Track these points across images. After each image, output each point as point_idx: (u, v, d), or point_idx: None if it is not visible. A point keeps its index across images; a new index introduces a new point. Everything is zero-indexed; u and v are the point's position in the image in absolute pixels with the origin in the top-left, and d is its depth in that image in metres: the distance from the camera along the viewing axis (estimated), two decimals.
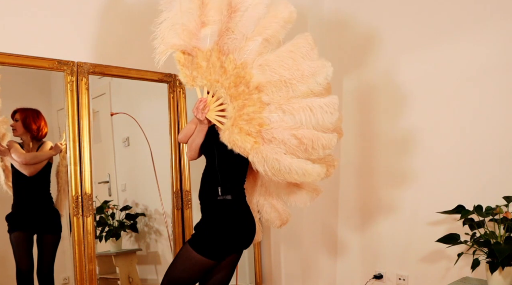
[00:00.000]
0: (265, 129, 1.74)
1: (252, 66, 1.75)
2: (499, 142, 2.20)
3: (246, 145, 1.73)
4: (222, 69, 1.76)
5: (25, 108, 2.16)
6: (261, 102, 1.74)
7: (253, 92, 1.75)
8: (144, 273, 2.66)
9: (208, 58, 1.76)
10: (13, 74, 2.08)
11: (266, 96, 1.75)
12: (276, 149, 1.73)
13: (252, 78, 1.74)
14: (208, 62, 1.76)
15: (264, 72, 1.73)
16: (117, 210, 2.55)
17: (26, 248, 2.15)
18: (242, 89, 1.75)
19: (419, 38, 2.48)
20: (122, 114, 2.47)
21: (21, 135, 2.16)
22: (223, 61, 1.76)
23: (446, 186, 2.36)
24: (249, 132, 1.74)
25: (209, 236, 1.85)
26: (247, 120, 1.74)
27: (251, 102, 1.75)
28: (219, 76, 1.76)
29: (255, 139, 1.73)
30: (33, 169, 2.17)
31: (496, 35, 2.20)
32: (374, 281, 2.68)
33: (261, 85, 1.74)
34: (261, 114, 1.74)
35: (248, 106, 1.75)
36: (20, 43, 2.07)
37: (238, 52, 1.76)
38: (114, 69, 2.31)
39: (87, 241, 2.15)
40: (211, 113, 1.81)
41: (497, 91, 2.21)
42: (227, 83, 1.76)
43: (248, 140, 1.73)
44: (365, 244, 2.74)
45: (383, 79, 2.64)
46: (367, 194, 2.73)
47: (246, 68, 1.75)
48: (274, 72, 1.73)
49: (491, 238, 1.98)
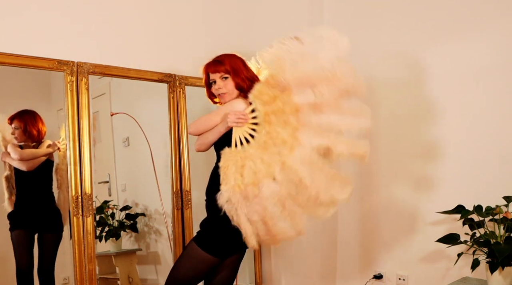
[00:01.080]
0: (268, 183, 1.72)
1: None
2: (499, 142, 2.20)
3: (231, 181, 1.73)
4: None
5: (21, 112, 2.17)
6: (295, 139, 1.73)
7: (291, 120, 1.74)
8: (144, 273, 2.66)
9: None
10: (13, 74, 2.08)
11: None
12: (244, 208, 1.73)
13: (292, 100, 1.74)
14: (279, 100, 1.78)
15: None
16: (117, 210, 2.55)
17: (26, 246, 2.15)
18: (280, 116, 1.75)
19: (420, 38, 2.48)
20: (122, 114, 2.47)
21: (23, 141, 2.19)
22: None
23: (446, 186, 2.36)
24: (256, 172, 1.72)
25: (214, 234, 1.86)
26: (266, 160, 1.73)
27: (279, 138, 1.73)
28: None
29: (242, 184, 1.72)
30: (32, 164, 2.18)
31: (498, 35, 2.21)
32: (374, 281, 2.68)
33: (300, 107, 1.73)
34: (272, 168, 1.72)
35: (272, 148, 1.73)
36: (20, 43, 2.07)
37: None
38: (114, 69, 2.31)
39: (87, 241, 2.15)
40: (241, 129, 1.81)
41: (497, 91, 2.21)
42: (271, 109, 1.76)
43: (237, 178, 1.72)
44: (365, 244, 2.74)
45: (384, 79, 2.64)
46: (367, 194, 2.73)
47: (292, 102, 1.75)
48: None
49: (491, 238, 1.99)
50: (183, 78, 2.53)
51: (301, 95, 1.74)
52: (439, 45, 2.40)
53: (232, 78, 1.90)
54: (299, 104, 1.74)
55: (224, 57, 1.95)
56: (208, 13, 2.78)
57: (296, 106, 1.75)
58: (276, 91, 1.76)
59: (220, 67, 1.91)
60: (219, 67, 1.92)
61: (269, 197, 1.72)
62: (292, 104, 1.74)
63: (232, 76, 1.90)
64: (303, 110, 1.74)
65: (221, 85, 1.92)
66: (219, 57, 1.96)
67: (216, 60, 1.95)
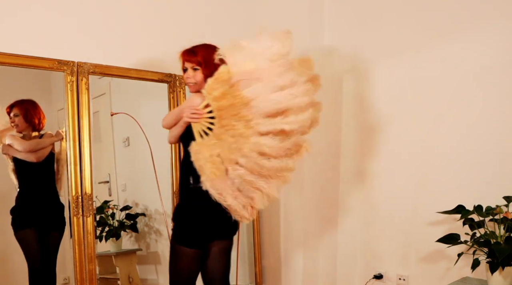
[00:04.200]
0: (233, 168, 1.81)
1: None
2: (499, 142, 2.20)
3: (207, 171, 1.79)
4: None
5: (21, 100, 2.14)
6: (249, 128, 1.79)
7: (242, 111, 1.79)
8: (144, 273, 2.66)
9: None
10: (13, 74, 2.08)
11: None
12: (227, 187, 1.82)
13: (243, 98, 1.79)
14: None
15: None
16: (117, 210, 2.55)
17: (37, 245, 2.12)
18: (231, 110, 1.80)
19: (420, 38, 2.48)
20: (122, 114, 2.47)
21: (23, 130, 2.14)
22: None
23: (446, 186, 2.36)
24: (219, 162, 1.79)
25: (183, 226, 1.91)
26: (227, 150, 1.80)
27: (236, 127, 1.79)
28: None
29: (219, 170, 1.79)
30: (40, 154, 2.16)
31: (498, 35, 2.20)
32: (374, 281, 2.68)
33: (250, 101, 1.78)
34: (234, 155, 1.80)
35: (233, 132, 1.79)
36: (20, 43, 2.07)
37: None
38: (114, 69, 2.31)
39: (87, 241, 2.15)
40: (199, 124, 1.86)
41: (498, 91, 2.21)
42: (222, 104, 1.81)
43: (213, 168, 1.79)
44: (365, 244, 2.74)
45: (383, 79, 2.64)
46: (367, 194, 2.73)
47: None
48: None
49: (491, 238, 1.98)
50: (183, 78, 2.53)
51: (249, 88, 1.79)
52: (439, 45, 2.40)
53: (202, 70, 1.92)
54: (248, 96, 1.78)
55: (199, 48, 1.96)
56: (209, 13, 2.78)
57: (245, 100, 1.78)
58: (226, 86, 1.79)
59: (193, 58, 1.94)
60: (191, 57, 1.94)
61: (235, 178, 1.81)
62: (242, 97, 1.78)
63: (202, 68, 1.91)
64: (252, 102, 1.78)
65: (190, 75, 1.95)
66: (196, 47, 1.97)
67: (191, 49, 1.97)
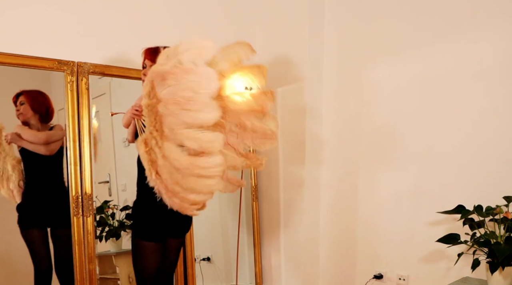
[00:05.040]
0: (161, 172, 1.79)
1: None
2: (499, 142, 2.20)
3: (146, 167, 1.80)
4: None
5: (29, 90, 2.11)
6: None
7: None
8: None
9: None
10: (13, 74, 2.08)
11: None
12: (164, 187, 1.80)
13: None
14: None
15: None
16: (117, 210, 2.55)
17: (43, 245, 2.08)
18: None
19: (420, 38, 2.48)
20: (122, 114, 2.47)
21: (29, 119, 2.08)
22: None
23: (446, 186, 2.36)
24: (152, 160, 1.79)
25: (144, 220, 1.97)
26: (153, 150, 1.79)
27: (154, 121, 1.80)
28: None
29: (154, 169, 1.79)
30: (53, 146, 2.11)
31: (500, 35, 2.20)
32: (374, 281, 2.68)
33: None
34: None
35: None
36: (20, 43, 2.07)
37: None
38: (114, 69, 2.31)
39: (87, 241, 2.16)
40: (139, 122, 1.93)
41: (498, 91, 2.21)
42: (146, 103, 1.82)
43: (148, 165, 1.79)
44: (365, 244, 2.74)
45: (385, 78, 2.64)
46: (367, 194, 2.73)
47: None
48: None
49: (491, 238, 1.98)
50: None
51: (161, 87, 1.78)
52: (440, 44, 2.40)
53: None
54: (159, 97, 1.78)
55: (162, 49, 1.96)
56: (208, 13, 2.79)
57: (157, 100, 1.78)
58: (149, 86, 1.81)
59: (153, 57, 1.95)
60: (152, 56, 1.97)
61: (166, 184, 1.79)
62: (155, 97, 1.79)
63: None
64: (160, 104, 1.78)
65: (146, 72, 1.96)
66: (160, 47, 1.99)
67: (156, 49, 1.99)
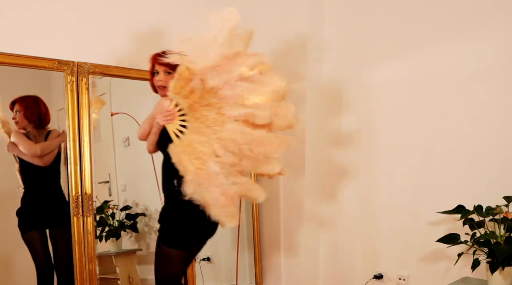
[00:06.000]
0: (214, 161, 1.79)
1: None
2: (499, 142, 2.20)
3: (190, 169, 1.77)
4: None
5: (23, 97, 2.12)
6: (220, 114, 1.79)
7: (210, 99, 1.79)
8: (144, 273, 2.66)
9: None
10: (13, 74, 2.08)
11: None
12: (210, 183, 1.79)
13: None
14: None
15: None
16: (117, 210, 2.55)
17: (42, 246, 2.11)
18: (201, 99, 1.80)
19: (420, 38, 2.48)
20: (122, 114, 2.47)
21: (25, 127, 2.11)
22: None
23: (446, 186, 2.36)
24: (202, 158, 1.78)
25: (174, 227, 1.93)
26: (206, 142, 1.79)
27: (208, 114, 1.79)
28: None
29: (202, 166, 1.78)
30: (48, 158, 2.14)
31: (497, 35, 2.20)
32: (374, 281, 2.68)
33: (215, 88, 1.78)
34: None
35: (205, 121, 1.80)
36: (20, 43, 2.07)
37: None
38: (114, 69, 2.31)
39: (87, 241, 2.15)
40: (173, 124, 1.86)
41: (498, 91, 2.21)
42: (192, 100, 1.81)
43: (194, 165, 1.77)
44: (365, 244, 2.74)
45: (382, 78, 2.64)
46: (367, 194, 2.73)
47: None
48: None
49: (491, 238, 1.98)
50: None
51: (214, 78, 1.78)
52: (439, 44, 2.40)
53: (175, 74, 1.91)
54: (215, 85, 1.78)
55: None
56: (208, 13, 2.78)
57: (212, 89, 1.79)
58: (191, 83, 1.79)
59: (167, 62, 1.93)
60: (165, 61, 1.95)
61: (218, 172, 1.79)
62: (209, 88, 1.79)
63: (175, 73, 1.90)
64: (220, 90, 1.79)
65: (162, 79, 1.96)
66: (170, 51, 1.97)
67: (166, 53, 1.96)
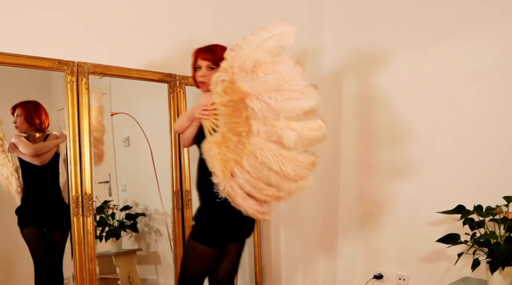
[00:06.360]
0: (240, 171, 1.77)
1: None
2: (499, 142, 2.20)
3: (217, 170, 1.77)
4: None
5: (24, 102, 2.15)
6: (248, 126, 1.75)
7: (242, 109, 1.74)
8: (144, 273, 2.66)
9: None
10: (13, 74, 2.08)
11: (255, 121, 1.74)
12: (237, 189, 1.78)
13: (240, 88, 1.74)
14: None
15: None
16: (117, 210, 2.55)
17: (41, 242, 2.14)
18: (233, 105, 1.77)
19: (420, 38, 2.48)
20: (122, 114, 2.47)
21: (25, 130, 2.15)
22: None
23: (446, 186, 2.36)
24: (226, 161, 1.76)
25: (207, 225, 1.91)
26: (232, 149, 1.76)
27: (239, 122, 1.75)
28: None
29: (226, 169, 1.76)
30: (44, 158, 2.17)
31: (497, 35, 2.20)
32: (374, 281, 2.68)
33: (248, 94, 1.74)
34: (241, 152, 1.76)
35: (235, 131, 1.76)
36: (20, 43, 2.07)
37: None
38: (114, 69, 2.31)
39: (87, 241, 2.15)
40: (208, 121, 1.85)
41: (497, 91, 2.21)
42: (224, 100, 1.78)
43: (221, 167, 1.76)
44: (365, 244, 2.74)
45: (382, 79, 2.64)
46: (367, 194, 2.73)
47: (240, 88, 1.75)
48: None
49: (491, 238, 1.98)
50: (183, 78, 2.53)
51: (245, 80, 1.75)
52: (439, 45, 2.40)
53: (218, 70, 1.88)
54: (244, 91, 1.74)
55: (217, 47, 1.95)
56: (208, 13, 2.78)
57: (241, 95, 1.74)
58: (226, 82, 1.77)
59: (210, 56, 1.93)
60: (209, 55, 1.93)
61: (244, 184, 1.78)
62: (238, 92, 1.74)
63: (218, 69, 1.87)
64: (247, 98, 1.74)
65: (205, 74, 1.94)
66: (213, 46, 1.97)
67: (209, 48, 1.95)
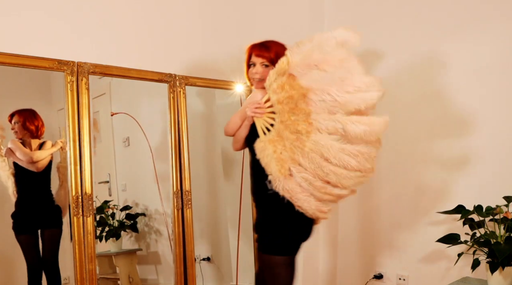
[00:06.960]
0: (297, 170, 1.71)
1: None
2: (499, 142, 2.20)
3: (273, 169, 1.72)
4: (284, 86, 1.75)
5: (22, 109, 2.18)
6: (308, 123, 1.69)
7: (301, 107, 1.69)
8: (144, 273, 2.66)
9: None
10: (13, 74, 2.08)
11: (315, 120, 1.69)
12: (297, 187, 1.72)
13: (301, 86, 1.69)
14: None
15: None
16: (117, 210, 2.55)
17: (34, 248, 2.18)
18: (291, 105, 1.72)
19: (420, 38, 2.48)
20: (122, 114, 2.47)
21: (23, 136, 2.18)
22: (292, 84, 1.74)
23: (446, 186, 2.36)
24: (282, 160, 1.71)
25: (276, 233, 1.81)
26: (288, 147, 1.71)
27: (297, 120, 1.70)
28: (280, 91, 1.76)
29: (284, 169, 1.71)
30: (40, 165, 2.21)
31: (497, 35, 2.20)
32: (374, 281, 2.68)
33: (308, 90, 1.69)
34: (296, 151, 1.70)
35: (293, 127, 1.70)
36: (20, 43, 2.07)
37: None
38: (114, 69, 2.30)
39: (87, 241, 2.15)
40: (261, 119, 1.80)
41: (497, 90, 2.21)
42: (281, 97, 1.73)
43: (278, 166, 1.70)
44: (365, 244, 2.74)
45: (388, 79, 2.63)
46: (368, 194, 2.73)
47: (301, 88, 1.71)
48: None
49: (491, 238, 1.99)
50: (183, 78, 2.53)
51: (306, 76, 1.70)
52: (439, 45, 2.40)
53: (272, 68, 1.82)
54: (306, 87, 1.69)
55: (272, 44, 1.89)
56: (209, 13, 2.78)
57: (303, 90, 1.70)
58: (283, 78, 1.72)
59: (265, 53, 1.86)
60: (264, 52, 1.86)
61: (302, 181, 1.71)
62: (299, 88, 1.70)
63: (273, 66, 1.82)
64: (310, 93, 1.69)
65: (258, 71, 1.87)
66: (268, 42, 1.90)
67: (264, 44, 1.89)
